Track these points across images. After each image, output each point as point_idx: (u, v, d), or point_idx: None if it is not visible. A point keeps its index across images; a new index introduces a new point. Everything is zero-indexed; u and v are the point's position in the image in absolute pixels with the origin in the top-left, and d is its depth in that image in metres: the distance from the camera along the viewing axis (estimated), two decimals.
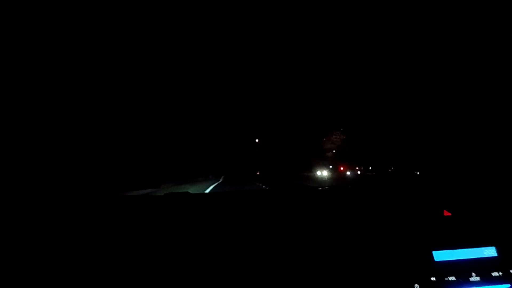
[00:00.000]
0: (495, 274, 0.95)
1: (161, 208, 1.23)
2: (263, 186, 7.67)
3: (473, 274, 0.95)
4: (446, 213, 1.09)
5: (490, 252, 1.00)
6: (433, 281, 0.94)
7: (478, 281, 0.94)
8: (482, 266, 0.97)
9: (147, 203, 1.33)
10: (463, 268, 0.96)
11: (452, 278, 0.94)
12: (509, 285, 0.94)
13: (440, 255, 0.98)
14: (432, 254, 0.98)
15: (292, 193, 1.48)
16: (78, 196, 1.37)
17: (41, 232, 1.03)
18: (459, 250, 1.00)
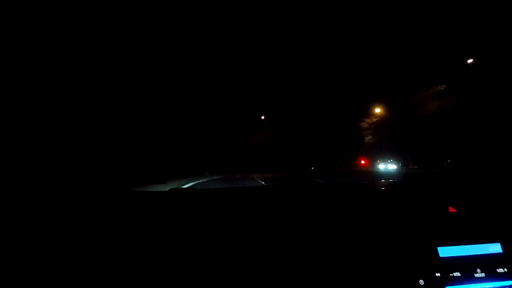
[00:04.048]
0: (500, 270, 0.95)
1: (166, 204, 1.24)
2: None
3: (478, 270, 0.95)
4: (451, 209, 1.09)
5: (495, 248, 1.00)
6: (438, 277, 0.94)
7: (483, 277, 0.95)
8: (487, 262, 0.97)
9: (153, 198, 1.34)
10: (468, 264, 0.96)
11: (457, 274, 0.94)
12: None
13: (445, 251, 0.98)
14: (437, 250, 0.98)
15: (297, 189, 1.48)
16: (84, 191, 1.38)
17: (46, 227, 1.04)
18: (464, 246, 1.00)
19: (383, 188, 1.32)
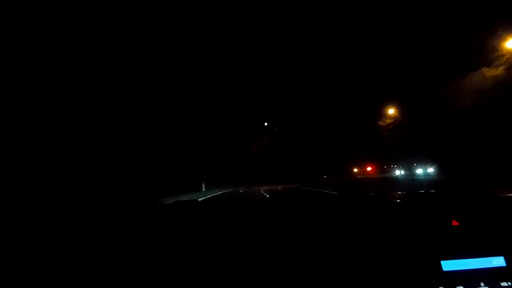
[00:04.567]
0: (503, 284, 0.96)
1: (169, 215, 1.26)
2: None
3: (482, 284, 0.96)
4: (455, 223, 1.10)
5: (498, 261, 1.01)
6: None
7: None
8: (490, 275, 0.98)
9: (156, 210, 1.37)
10: (471, 277, 0.97)
11: (460, 287, 0.95)
12: None
13: (448, 265, 0.99)
14: (440, 264, 0.99)
15: (299, 200, 1.50)
16: (96, 203, 1.42)
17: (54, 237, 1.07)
18: (467, 259, 1.00)
19: (387, 202, 1.34)
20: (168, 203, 1.43)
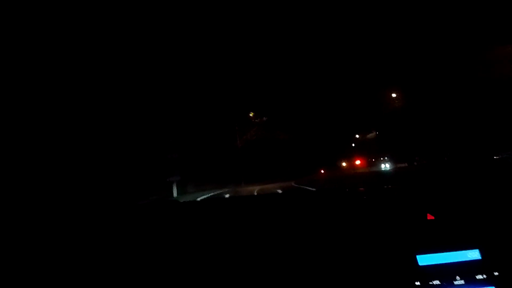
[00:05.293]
0: (479, 276, 0.95)
1: (148, 215, 1.23)
2: None
3: (458, 277, 0.95)
4: (430, 217, 1.10)
5: (473, 255, 1.00)
6: (418, 285, 0.93)
7: (463, 284, 0.94)
8: (466, 269, 0.97)
9: (137, 211, 1.33)
10: (447, 271, 0.96)
11: (436, 282, 0.94)
12: (493, 287, 0.94)
13: (424, 259, 0.98)
14: (416, 258, 0.98)
15: (285, 198, 1.49)
16: (84, 204, 1.39)
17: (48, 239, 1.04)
18: (443, 253, 1.00)
19: (362, 197, 1.33)
20: (145, 203, 1.41)
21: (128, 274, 0.96)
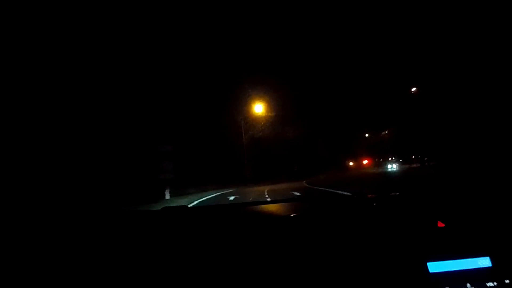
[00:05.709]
0: (489, 284, 0.96)
1: (158, 222, 1.24)
2: None
3: (468, 285, 0.96)
4: (440, 224, 1.11)
5: (484, 262, 1.01)
6: None
7: None
8: (476, 276, 0.98)
9: (145, 217, 1.34)
10: (458, 279, 0.97)
11: None
12: None
13: (434, 267, 0.99)
14: (426, 266, 0.99)
15: (286, 204, 1.50)
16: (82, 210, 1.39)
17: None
18: (453, 261, 1.00)
19: (372, 203, 1.34)
20: (156, 209, 1.41)
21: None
